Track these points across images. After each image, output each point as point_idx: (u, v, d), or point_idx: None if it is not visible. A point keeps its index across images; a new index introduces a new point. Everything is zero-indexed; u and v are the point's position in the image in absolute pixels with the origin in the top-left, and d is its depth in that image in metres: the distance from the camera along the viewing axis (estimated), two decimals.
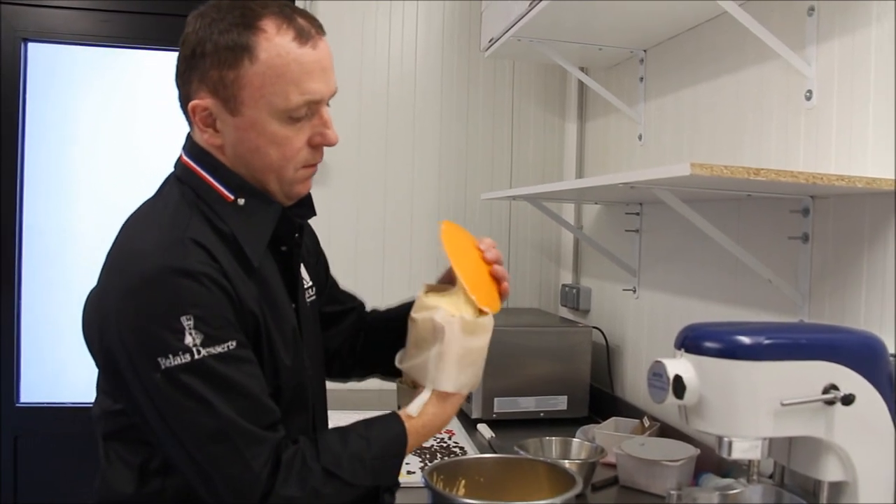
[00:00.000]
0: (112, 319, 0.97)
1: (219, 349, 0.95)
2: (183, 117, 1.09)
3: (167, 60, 2.69)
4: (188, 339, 0.93)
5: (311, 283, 1.28)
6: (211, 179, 1.06)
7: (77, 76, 2.69)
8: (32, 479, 2.63)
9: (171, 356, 0.93)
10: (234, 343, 0.97)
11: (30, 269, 2.64)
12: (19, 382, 2.64)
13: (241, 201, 1.05)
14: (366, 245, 2.72)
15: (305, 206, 1.18)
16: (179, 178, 1.08)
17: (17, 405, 2.63)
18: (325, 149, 1.10)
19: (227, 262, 1.01)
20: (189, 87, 1.04)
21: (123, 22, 2.64)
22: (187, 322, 0.93)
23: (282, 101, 1.01)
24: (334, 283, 1.46)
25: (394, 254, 2.73)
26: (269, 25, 1.00)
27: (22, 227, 2.63)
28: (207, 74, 1.01)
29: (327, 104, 1.08)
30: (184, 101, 1.06)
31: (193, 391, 0.93)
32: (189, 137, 1.11)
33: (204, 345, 0.94)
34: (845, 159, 1.41)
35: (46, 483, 2.63)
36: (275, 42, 0.99)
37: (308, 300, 1.25)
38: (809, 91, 1.50)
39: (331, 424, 1.27)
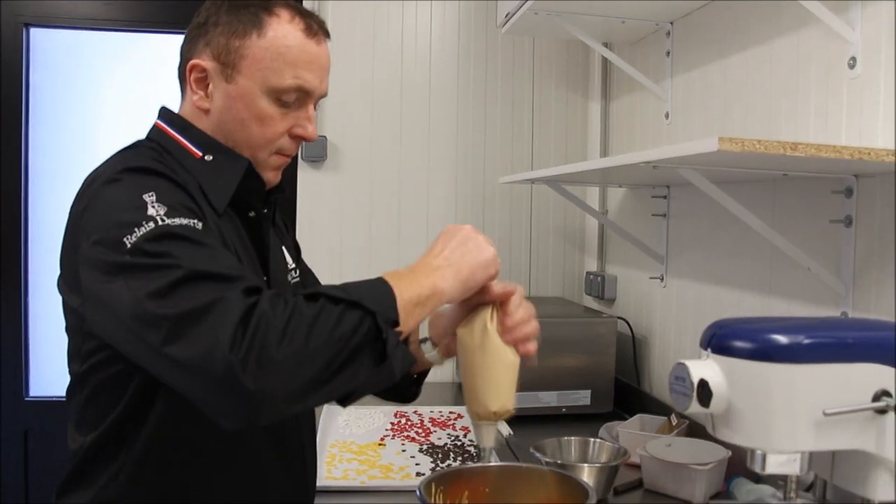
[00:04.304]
0: (79, 234, 0.96)
1: (184, 221, 0.91)
2: (178, 86, 1.15)
3: (174, 44, 2.61)
4: (151, 211, 0.91)
5: (294, 266, 1.28)
6: (181, 138, 1.10)
7: (82, 61, 2.61)
8: (42, 474, 2.58)
9: (136, 230, 0.89)
10: (201, 224, 0.94)
11: (36, 262, 2.58)
12: (28, 376, 2.60)
13: (209, 157, 1.08)
14: (380, 230, 2.62)
15: (273, 190, 1.20)
16: (149, 138, 1.12)
17: (26, 399, 2.58)
18: (336, 132, 1.07)
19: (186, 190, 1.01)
20: (193, 49, 1.10)
21: (126, 5, 2.55)
22: (149, 198, 0.92)
23: (276, 79, 1.06)
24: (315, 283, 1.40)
25: (409, 239, 2.62)
26: (283, 13, 1.08)
27: (27, 218, 2.57)
28: (215, 40, 1.07)
29: (314, 106, 1.13)
30: (184, 64, 1.11)
31: (162, 253, 0.87)
32: (163, 109, 1.16)
33: (168, 215, 0.91)
34: (894, 134, 1.27)
35: (56, 477, 2.57)
36: (284, 26, 1.07)
37: (291, 281, 1.25)
38: (853, 58, 1.35)
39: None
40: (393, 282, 0.93)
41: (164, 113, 1.15)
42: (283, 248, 1.25)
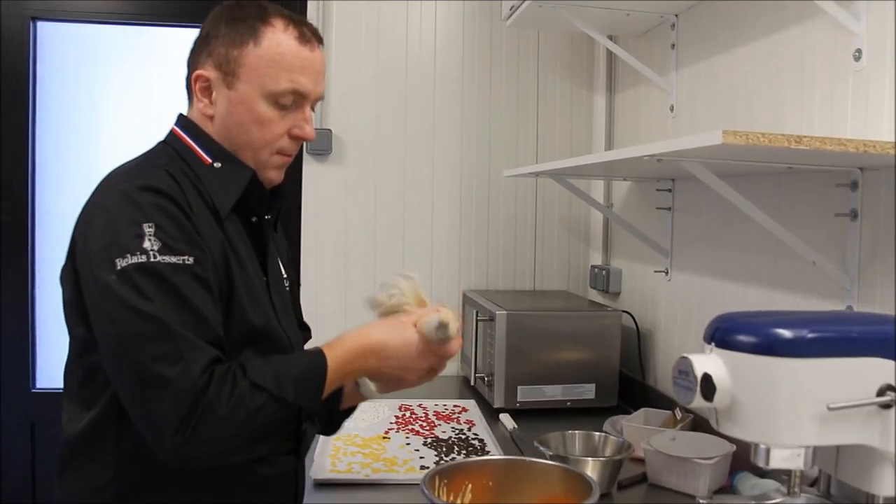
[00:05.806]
0: (81, 238, 1.06)
1: (173, 259, 1.01)
2: (185, 93, 1.24)
3: (182, 38, 2.60)
4: (146, 244, 1.01)
5: (286, 275, 1.35)
6: (193, 144, 1.18)
7: (89, 55, 2.60)
8: (49, 465, 2.58)
9: (128, 256, 1.00)
10: (192, 259, 1.03)
11: (43, 254, 2.58)
12: (35, 368, 2.60)
13: (218, 164, 1.17)
14: (385, 224, 2.62)
15: (278, 196, 1.28)
16: (166, 142, 1.22)
17: (33, 391, 2.59)
18: (341, 125, 1.26)
19: (195, 202, 1.09)
20: (197, 61, 1.19)
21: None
22: (148, 229, 1.01)
23: (272, 84, 1.15)
24: (299, 309, 1.48)
25: (414, 232, 2.62)
26: (278, 23, 1.16)
27: (34, 211, 2.58)
28: (216, 51, 1.16)
29: (312, 108, 1.21)
30: (190, 74, 1.21)
31: (143, 291, 0.99)
32: (180, 115, 1.24)
33: (160, 252, 1.01)
34: None
35: None
36: (279, 35, 1.15)
37: (286, 287, 1.34)
38: (858, 50, 1.34)
39: None
40: (329, 374, 1.10)
41: (181, 119, 1.23)
42: (279, 258, 1.33)
